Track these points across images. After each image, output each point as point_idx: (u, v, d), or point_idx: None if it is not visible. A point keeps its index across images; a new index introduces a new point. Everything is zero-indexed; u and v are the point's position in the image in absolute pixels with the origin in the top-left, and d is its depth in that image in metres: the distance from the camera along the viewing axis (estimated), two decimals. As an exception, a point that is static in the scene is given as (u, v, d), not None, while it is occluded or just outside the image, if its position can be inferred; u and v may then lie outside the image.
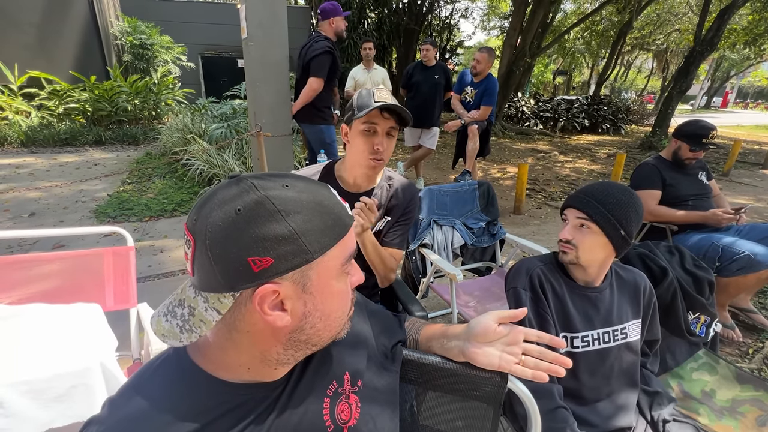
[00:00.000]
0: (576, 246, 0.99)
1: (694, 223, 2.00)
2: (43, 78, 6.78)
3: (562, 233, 1.03)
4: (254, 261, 0.41)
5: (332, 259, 0.47)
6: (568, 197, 1.07)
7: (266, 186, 0.44)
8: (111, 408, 0.46)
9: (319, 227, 0.45)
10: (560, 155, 7.39)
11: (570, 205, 1.03)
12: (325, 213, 0.46)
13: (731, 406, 1.21)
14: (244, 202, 0.42)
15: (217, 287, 0.43)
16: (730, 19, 7.08)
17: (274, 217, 0.42)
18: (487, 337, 0.67)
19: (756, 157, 7.47)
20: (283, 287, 0.44)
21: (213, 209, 0.42)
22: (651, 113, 12.69)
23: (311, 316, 0.48)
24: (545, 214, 4.07)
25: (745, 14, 10.56)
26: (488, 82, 3.70)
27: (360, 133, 1.10)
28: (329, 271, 0.47)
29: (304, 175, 0.51)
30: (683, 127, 2.03)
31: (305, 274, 0.45)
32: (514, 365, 0.65)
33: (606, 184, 1.02)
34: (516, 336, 0.66)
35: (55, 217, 3.35)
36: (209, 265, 0.42)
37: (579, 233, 1.00)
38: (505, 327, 0.67)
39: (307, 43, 3.00)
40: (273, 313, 0.44)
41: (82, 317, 1.10)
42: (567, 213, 1.04)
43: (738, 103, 38.79)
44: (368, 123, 1.08)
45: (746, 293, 2.06)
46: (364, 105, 1.07)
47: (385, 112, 1.06)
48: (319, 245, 0.44)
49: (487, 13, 17.81)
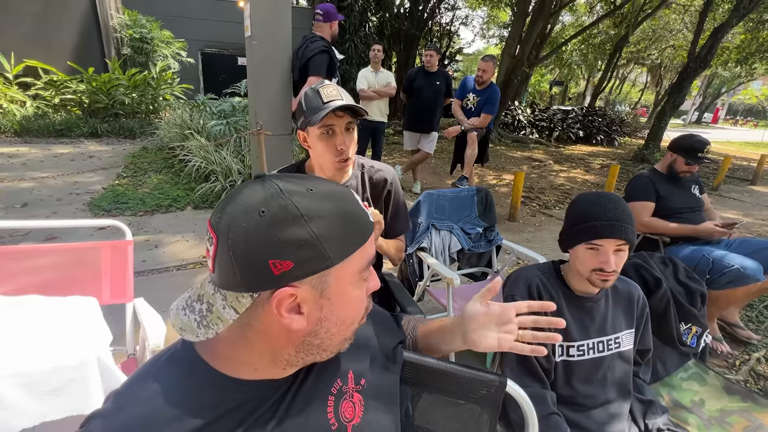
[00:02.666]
0: (617, 271, 0.97)
1: (687, 235, 2.03)
2: (40, 68, 6.70)
3: (607, 265, 0.94)
4: (275, 264, 0.42)
5: (351, 265, 0.47)
6: (593, 227, 0.96)
7: (291, 189, 0.44)
8: (116, 401, 0.46)
9: (340, 234, 0.45)
10: (555, 164, 7.47)
11: (605, 236, 0.95)
12: (348, 219, 0.46)
13: (720, 416, 1.23)
14: (269, 205, 0.42)
15: (236, 286, 0.43)
16: (723, 38, 7.25)
17: (297, 222, 0.42)
18: (480, 320, 0.68)
19: (745, 173, 7.64)
20: (301, 291, 0.44)
21: (237, 209, 0.43)
22: (644, 126, 12.94)
23: (327, 321, 0.48)
24: (540, 222, 4.11)
25: (738, 33, 10.81)
26: (491, 91, 3.74)
27: (318, 138, 1.06)
28: (347, 277, 0.47)
29: (327, 180, 0.51)
30: (679, 141, 2.07)
31: (324, 279, 0.45)
32: (513, 342, 0.66)
33: (610, 199, 0.98)
34: (508, 313, 0.67)
35: (48, 209, 3.30)
36: (230, 264, 0.42)
37: (619, 259, 0.96)
38: (496, 307, 0.68)
39: (303, 45, 2.99)
40: (290, 316, 0.45)
41: (78, 310, 1.09)
42: (601, 243, 0.95)
43: (728, 120, 39.55)
44: (325, 126, 1.04)
45: (735, 306, 2.09)
46: (315, 108, 1.01)
47: (339, 110, 1.01)
48: (340, 252, 0.45)
49: (487, 22, 18.02)
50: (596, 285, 0.99)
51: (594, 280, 0.98)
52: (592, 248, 0.96)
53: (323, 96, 1.01)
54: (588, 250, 0.97)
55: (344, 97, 1.02)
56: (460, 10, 14.69)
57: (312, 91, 1.03)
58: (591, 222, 0.96)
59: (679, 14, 13.19)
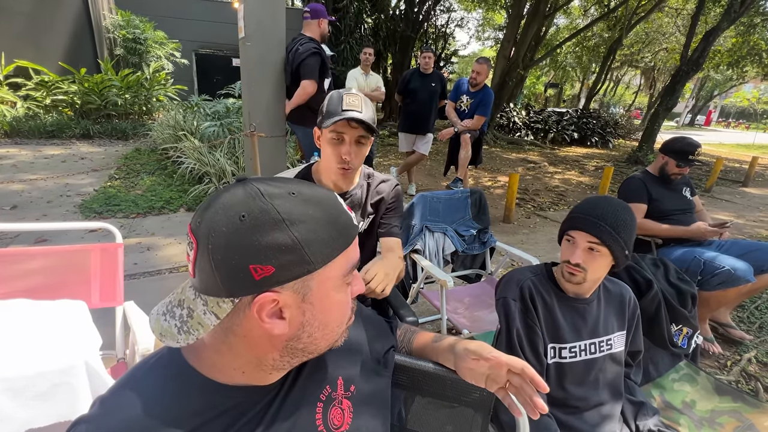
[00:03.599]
0: (585, 269, 0.97)
1: (678, 237, 2.05)
2: (31, 68, 6.63)
3: (572, 257, 0.96)
4: (255, 269, 0.41)
5: (334, 270, 0.47)
6: (573, 218, 0.99)
7: (272, 193, 0.43)
8: (101, 407, 0.45)
9: (322, 238, 0.44)
10: (550, 166, 7.51)
11: (579, 228, 0.97)
12: (330, 223, 0.46)
13: (710, 417, 1.24)
14: (249, 209, 0.42)
15: (216, 292, 0.43)
16: (715, 41, 7.34)
17: (279, 226, 0.41)
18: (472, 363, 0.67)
19: (737, 175, 7.73)
20: (282, 296, 0.44)
21: (217, 213, 0.42)
22: (638, 128, 13.04)
23: (309, 326, 0.47)
24: (534, 224, 4.13)
25: (730, 37, 10.96)
26: (484, 94, 3.76)
27: (328, 142, 1.07)
28: (330, 281, 0.47)
29: (311, 183, 0.50)
30: (670, 144, 2.09)
31: (306, 284, 0.45)
32: (497, 388, 0.65)
33: (609, 202, 0.98)
34: (500, 371, 0.63)
35: (38, 211, 3.26)
36: (210, 269, 0.42)
37: (589, 256, 0.96)
38: (494, 355, 0.65)
39: (292, 47, 2.97)
40: (271, 320, 0.44)
41: (67, 314, 1.08)
42: (575, 235, 0.98)
43: (720, 122, 40.05)
44: (335, 132, 1.04)
45: (726, 307, 2.11)
46: (332, 112, 1.02)
47: (353, 122, 1.02)
48: (322, 256, 0.44)
49: (482, 24, 18.12)
50: (564, 278, 1.00)
51: (564, 272, 1.00)
52: (569, 239, 1.00)
53: (344, 103, 1.02)
54: (566, 241, 1.01)
55: (364, 111, 1.03)
56: (455, 12, 14.76)
57: (337, 94, 1.05)
58: (574, 214, 1.00)
59: (671, 18, 13.35)
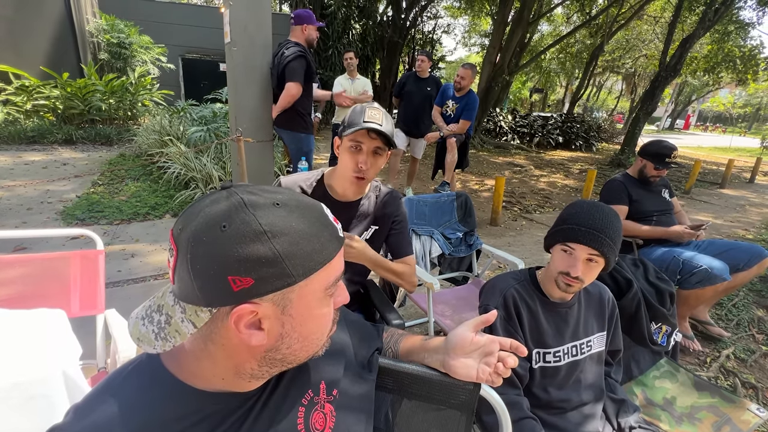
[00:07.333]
0: (583, 280, 0.97)
1: (658, 237, 2.11)
2: (11, 72, 6.46)
3: (573, 270, 0.96)
4: (234, 280, 0.40)
5: (316, 283, 0.46)
6: (572, 230, 0.97)
7: (256, 203, 0.43)
8: (76, 415, 0.44)
9: (305, 251, 0.43)
10: (536, 169, 7.64)
11: (580, 241, 0.95)
12: (313, 236, 0.45)
13: (690, 413, 1.27)
14: (231, 219, 0.41)
15: (195, 300, 0.42)
16: (691, 48, 7.60)
17: (260, 239, 0.41)
18: (465, 349, 0.68)
19: (714, 177, 7.95)
20: (261, 308, 0.43)
21: (199, 222, 0.42)
22: (620, 132, 13.36)
23: (288, 337, 0.47)
24: (521, 226, 4.19)
25: (706, 44, 11.35)
26: (469, 98, 3.82)
27: (347, 149, 1.12)
28: (312, 294, 0.46)
29: (297, 192, 0.50)
30: (648, 147, 2.15)
31: (286, 296, 0.44)
32: (488, 375, 0.67)
33: (603, 211, 0.98)
34: (493, 347, 0.67)
35: (17, 218, 3.17)
36: (189, 278, 0.41)
37: (587, 267, 0.97)
38: (482, 337, 0.69)
39: (278, 52, 2.97)
40: (249, 331, 0.44)
41: (45, 323, 1.05)
42: (575, 247, 0.96)
43: (699, 126, 41.34)
44: (354, 141, 1.10)
45: (705, 305, 2.18)
46: (353, 123, 1.08)
47: (372, 132, 1.08)
48: (303, 269, 0.43)
49: (469, 31, 18.42)
50: (560, 288, 1.00)
51: (559, 282, 1.00)
52: (566, 250, 0.98)
53: (366, 115, 1.07)
54: (562, 251, 0.99)
55: (384, 125, 1.08)
56: (442, 19, 14.97)
57: (361, 107, 1.10)
58: (572, 225, 0.97)
59: (650, 25, 13.79)
